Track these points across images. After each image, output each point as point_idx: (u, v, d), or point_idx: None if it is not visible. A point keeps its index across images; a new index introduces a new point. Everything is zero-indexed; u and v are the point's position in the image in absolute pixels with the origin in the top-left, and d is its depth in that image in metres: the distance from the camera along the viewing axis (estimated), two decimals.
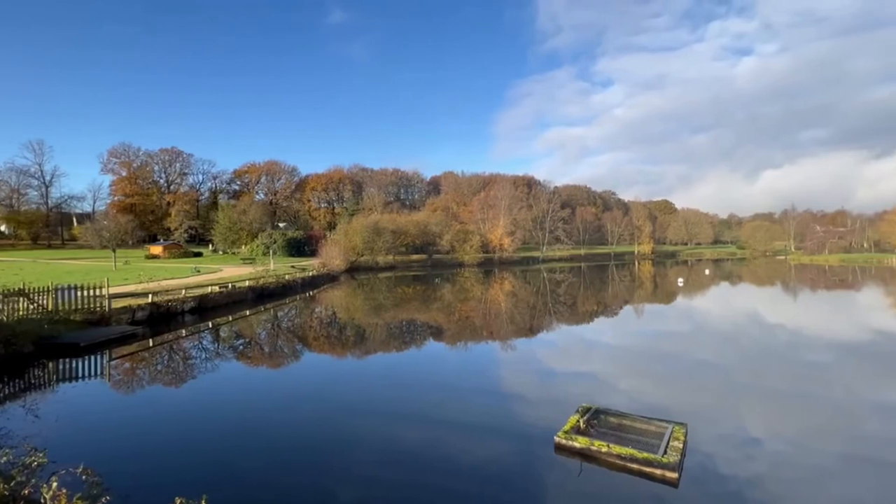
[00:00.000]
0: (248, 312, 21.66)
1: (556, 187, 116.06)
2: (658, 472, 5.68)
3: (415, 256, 69.84)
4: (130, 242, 49.40)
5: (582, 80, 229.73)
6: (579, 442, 6.32)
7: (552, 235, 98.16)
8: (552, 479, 5.85)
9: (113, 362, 12.54)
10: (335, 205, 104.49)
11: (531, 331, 18.15)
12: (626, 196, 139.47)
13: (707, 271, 54.51)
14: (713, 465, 6.17)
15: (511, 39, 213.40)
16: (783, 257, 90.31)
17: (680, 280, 41.64)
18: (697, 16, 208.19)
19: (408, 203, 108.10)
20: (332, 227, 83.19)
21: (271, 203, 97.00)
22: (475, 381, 10.83)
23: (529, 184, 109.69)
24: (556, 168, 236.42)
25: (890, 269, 52.46)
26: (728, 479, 5.81)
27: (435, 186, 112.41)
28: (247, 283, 25.99)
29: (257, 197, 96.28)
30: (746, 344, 15.05)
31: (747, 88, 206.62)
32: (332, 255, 47.67)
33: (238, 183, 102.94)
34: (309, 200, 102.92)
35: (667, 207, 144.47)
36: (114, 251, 42.32)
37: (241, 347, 14.82)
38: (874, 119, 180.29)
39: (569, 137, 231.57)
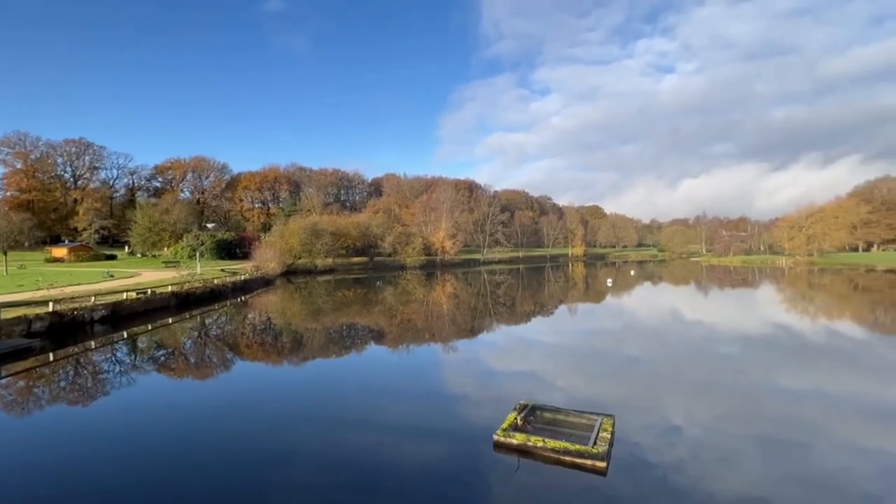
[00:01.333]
0: (170, 320, 19.97)
1: (495, 191, 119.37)
2: (588, 462, 6.02)
3: (356, 259, 68.41)
4: (27, 244, 43.55)
5: (522, 87, 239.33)
6: (517, 438, 6.53)
7: (492, 238, 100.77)
8: (492, 477, 5.99)
9: (2, 381, 10.98)
10: (270, 205, 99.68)
11: (472, 332, 18.47)
12: (561, 201, 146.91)
13: (632, 272, 58.79)
14: (638, 452, 6.64)
15: (456, 44, 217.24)
16: (697, 259, 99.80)
17: (609, 280, 44.49)
18: (627, 33, 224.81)
19: (348, 204, 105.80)
20: (266, 228, 79.23)
21: (198, 202, 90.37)
22: (417, 384, 10.83)
23: (471, 187, 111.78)
24: (498, 172, 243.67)
25: (780, 270, 59.82)
26: (652, 465, 6.27)
27: (377, 188, 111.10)
28: (169, 289, 23.96)
29: (182, 195, 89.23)
30: (668, 338, 16.40)
31: (670, 104, 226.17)
32: (266, 258, 45.36)
33: (160, 180, 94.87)
34: (241, 200, 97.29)
35: (597, 212, 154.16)
36: (4, 254, 37.12)
37: (162, 359, 13.62)
38: (772, 136, 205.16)
39: (509, 143, 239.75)
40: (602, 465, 5.97)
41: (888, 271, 50.29)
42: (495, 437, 6.70)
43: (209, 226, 61.15)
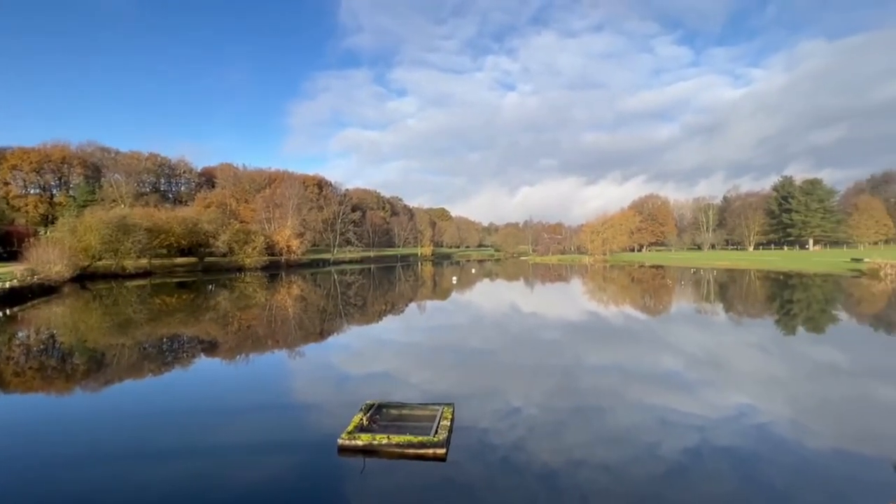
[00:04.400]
0: None
1: (347, 190, 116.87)
2: (430, 451, 6.45)
3: (181, 260, 59.06)
4: None
5: (379, 84, 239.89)
6: (362, 439, 6.60)
7: (343, 238, 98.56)
8: (335, 482, 5.93)
9: None
10: (55, 192, 78.84)
11: (321, 335, 17.81)
12: (415, 202, 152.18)
13: (473, 270, 64.48)
14: (477, 435, 7.33)
15: (311, 27, 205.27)
16: (525, 258, 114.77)
17: (454, 278, 47.92)
18: (478, 47, 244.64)
19: (171, 196, 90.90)
20: (49, 221, 62.57)
21: None
22: (256, 397, 9.96)
23: (320, 184, 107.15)
24: (353, 170, 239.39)
25: (584, 267, 73.12)
26: (488, 444, 6.99)
27: (208, 179, 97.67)
28: None
29: None
30: (504, 329, 18.47)
31: (510, 118, 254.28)
32: (48, 259, 35.70)
33: None
34: (8, 184, 74.44)
35: (444, 215, 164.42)
36: None
37: None
38: (585, 156, 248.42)
39: (365, 140, 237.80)
40: (442, 451, 6.46)
41: (651, 266, 66.25)
42: (339, 440, 6.65)
43: None
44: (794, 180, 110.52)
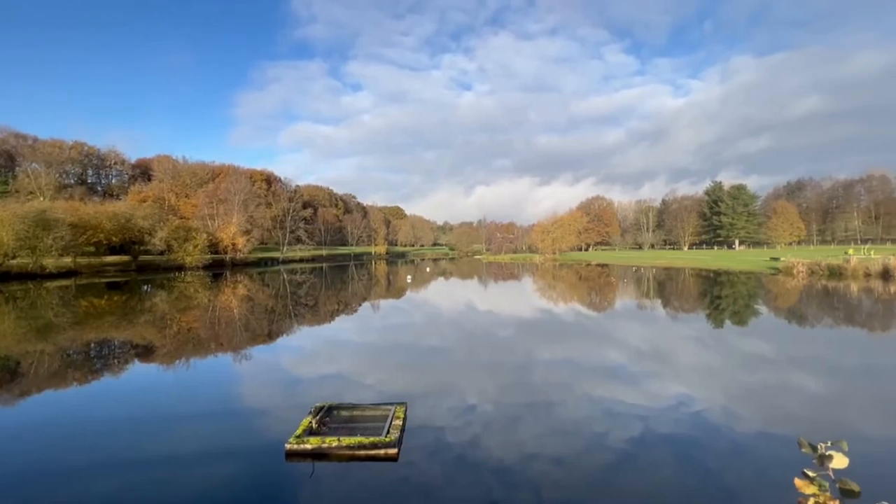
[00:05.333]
0: None
1: (297, 186, 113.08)
2: (381, 452, 6.34)
3: (111, 258, 54.62)
4: None
5: (333, 78, 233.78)
6: (311, 443, 6.37)
7: (293, 235, 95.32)
8: (283, 489, 5.68)
9: None
10: None
11: (269, 336, 17.06)
12: (371, 200, 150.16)
13: (428, 269, 64.53)
14: (431, 433, 7.28)
15: (261, 13, 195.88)
16: (479, 257, 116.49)
17: (409, 277, 47.71)
18: (435, 45, 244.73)
19: (100, 189, 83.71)
20: None
21: None
22: (198, 404, 9.37)
23: (269, 180, 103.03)
24: (306, 165, 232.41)
25: (535, 265, 75.34)
26: (443, 442, 6.95)
27: (144, 171, 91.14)
28: None
29: None
30: (459, 326, 18.58)
31: (466, 118, 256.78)
32: None
33: None
34: None
35: (398, 213, 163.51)
36: None
37: None
38: (538, 157, 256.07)
39: (317, 135, 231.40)
40: (394, 451, 6.37)
41: (598, 265, 69.43)
42: (287, 445, 6.39)
43: None
44: (723, 185, 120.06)
